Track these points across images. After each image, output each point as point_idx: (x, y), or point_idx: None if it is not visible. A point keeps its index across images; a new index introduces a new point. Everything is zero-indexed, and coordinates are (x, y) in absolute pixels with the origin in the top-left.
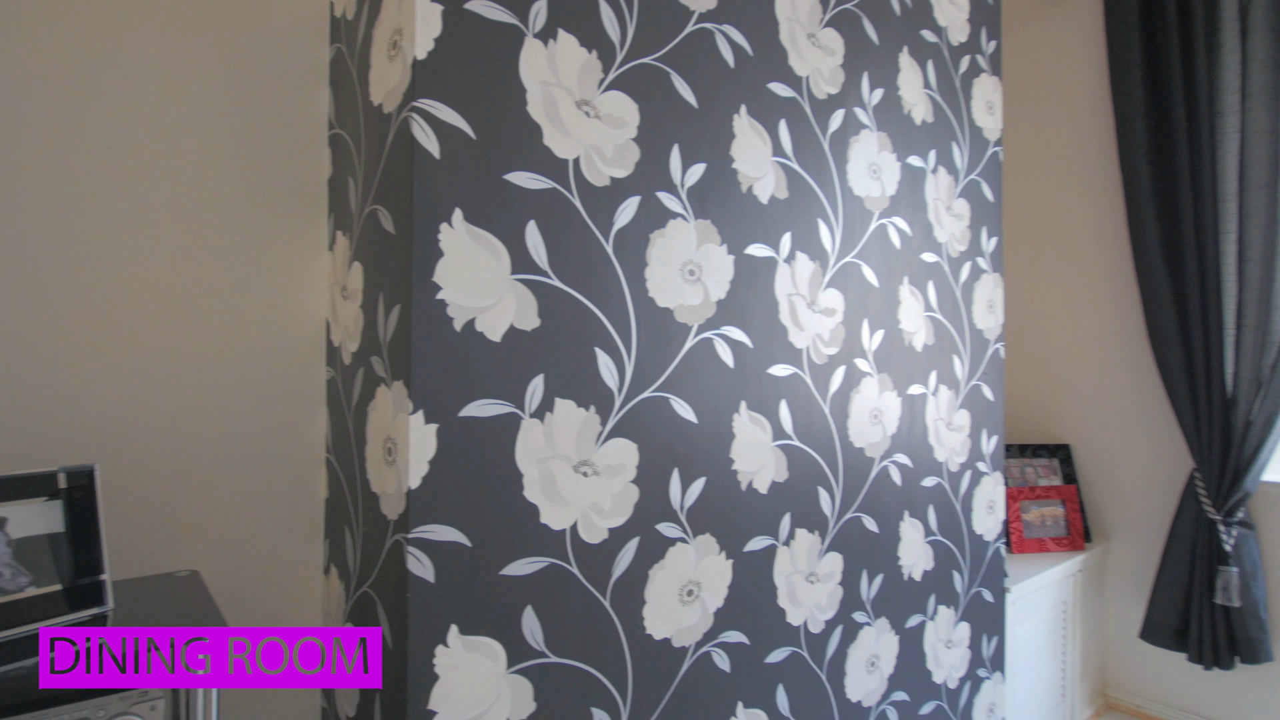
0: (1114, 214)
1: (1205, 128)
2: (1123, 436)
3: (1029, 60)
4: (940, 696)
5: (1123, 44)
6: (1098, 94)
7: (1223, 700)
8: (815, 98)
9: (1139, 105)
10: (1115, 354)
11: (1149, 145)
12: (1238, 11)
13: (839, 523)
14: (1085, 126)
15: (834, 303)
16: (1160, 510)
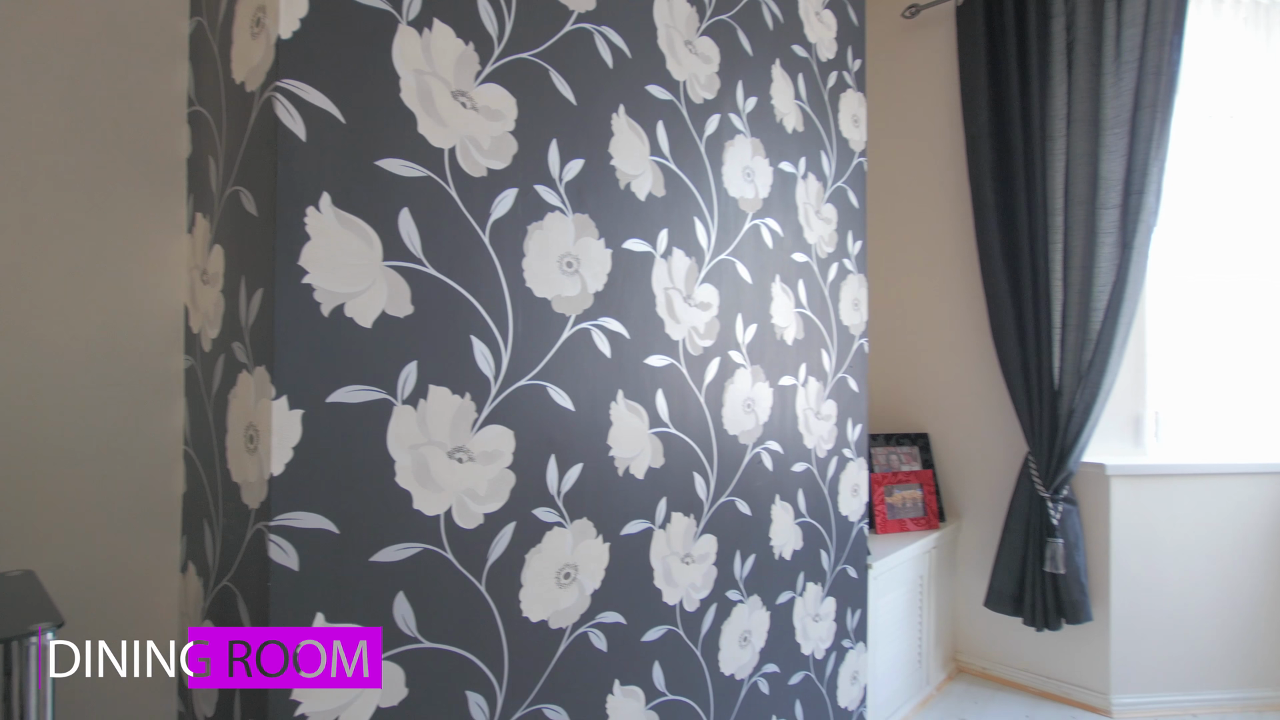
0: (964, 224)
1: (1038, 149)
2: (971, 425)
3: (893, 79)
4: (808, 667)
5: (971, 71)
6: (952, 114)
7: (1053, 657)
8: (692, 102)
9: (984, 127)
10: (966, 351)
11: (992, 163)
12: (1065, 47)
13: (713, 506)
14: (942, 143)
15: (709, 297)
16: (1001, 490)
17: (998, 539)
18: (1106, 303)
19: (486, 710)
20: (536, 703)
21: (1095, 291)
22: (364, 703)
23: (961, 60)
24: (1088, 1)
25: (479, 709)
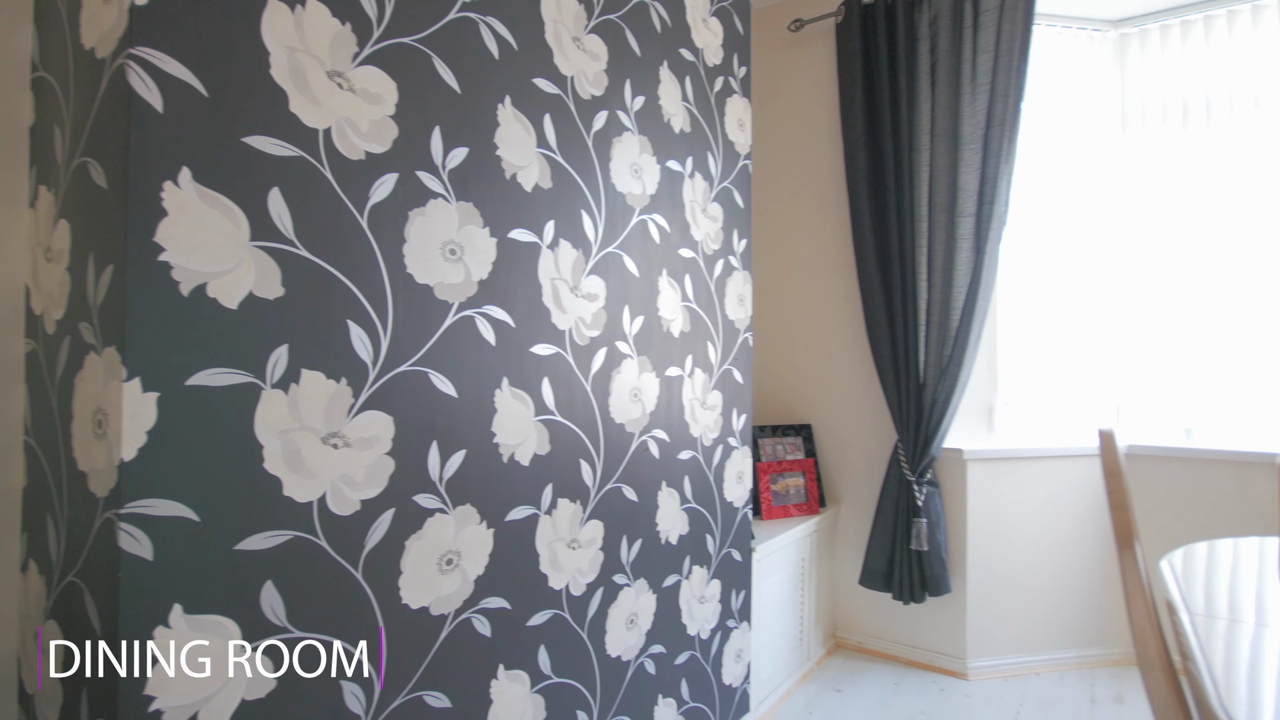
0: (843, 227)
1: (906, 160)
2: (849, 416)
3: (780, 88)
4: (694, 647)
5: (849, 85)
6: (833, 124)
7: (918, 628)
8: (580, 97)
9: (860, 137)
10: (844, 347)
11: (867, 171)
12: (929, 68)
13: (600, 492)
14: (823, 150)
15: (596, 289)
16: (875, 476)
17: (871, 521)
18: (963, 302)
19: (363, 700)
20: (417, 690)
21: (954, 292)
22: (227, 696)
23: (840, 74)
24: (948, 28)
25: (355, 698)
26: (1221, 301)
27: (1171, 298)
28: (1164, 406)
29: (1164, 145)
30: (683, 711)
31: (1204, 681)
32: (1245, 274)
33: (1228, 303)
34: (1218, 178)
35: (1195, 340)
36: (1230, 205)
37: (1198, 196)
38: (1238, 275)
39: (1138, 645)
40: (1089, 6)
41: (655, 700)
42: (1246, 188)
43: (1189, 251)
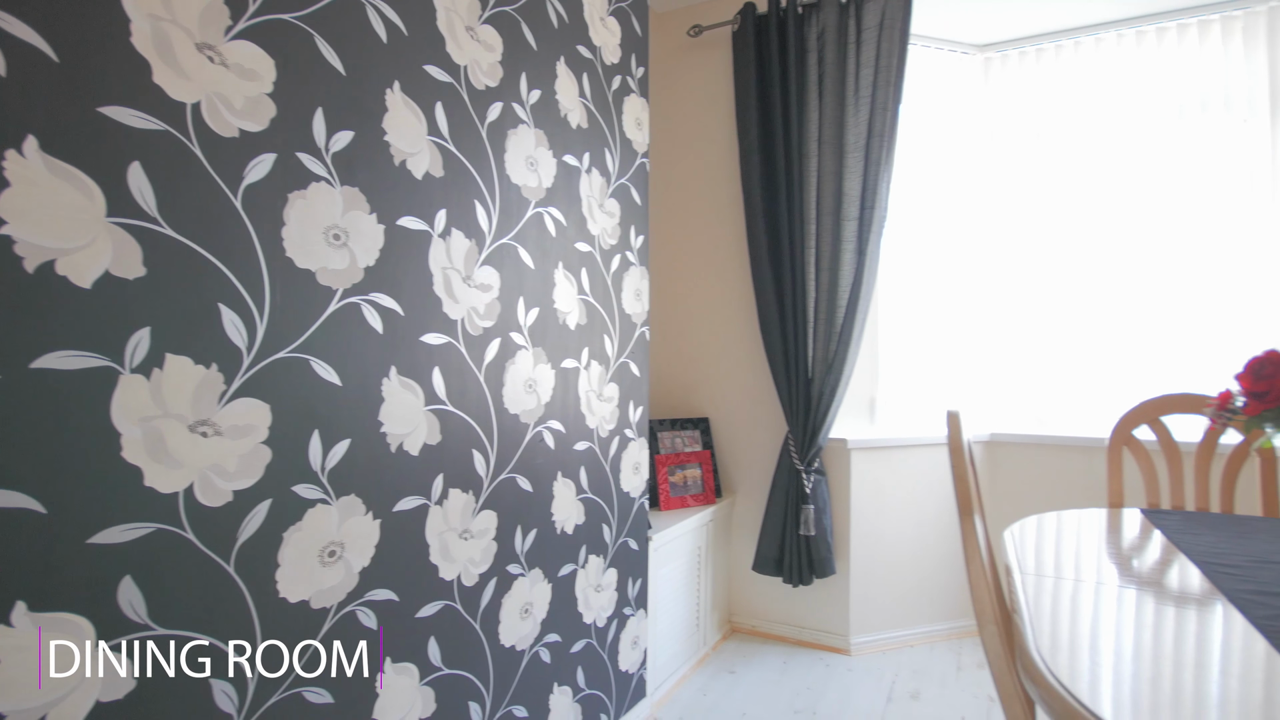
0: (738, 227)
1: (796, 166)
2: (744, 410)
3: (680, 91)
4: (590, 635)
5: (744, 90)
6: (730, 127)
7: (806, 610)
8: (474, 87)
9: (754, 141)
10: (740, 343)
11: (761, 175)
12: (817, 80)
13: (493, 483)
14: (721, 153)
15: (490, 280)
16: (767, 466)
17: (764, 509)
18: (847, 301)
19: (235, 698)
20: (296, 686)
21: (839, 291)
22: (79, 698)
23: (736, 80)
24: (834, 43)
25: (226, 697)
26: (1071, 303)
27: (1030, 300)
28: (1023, 398)
29: (1023, 157)
30: (578, 699)
31: (1025, 629)
32: (1092, 279)
33: (1077, 305)
34: (1071, 188)
35: (1049, 338)
36: (1079, 215)
37: (1053, 206)
38: (1086, 280)
39: (975, 603)
40: (958, 31)
41: (550, 689)
42: (1096, 199)
43: (1045, 257)
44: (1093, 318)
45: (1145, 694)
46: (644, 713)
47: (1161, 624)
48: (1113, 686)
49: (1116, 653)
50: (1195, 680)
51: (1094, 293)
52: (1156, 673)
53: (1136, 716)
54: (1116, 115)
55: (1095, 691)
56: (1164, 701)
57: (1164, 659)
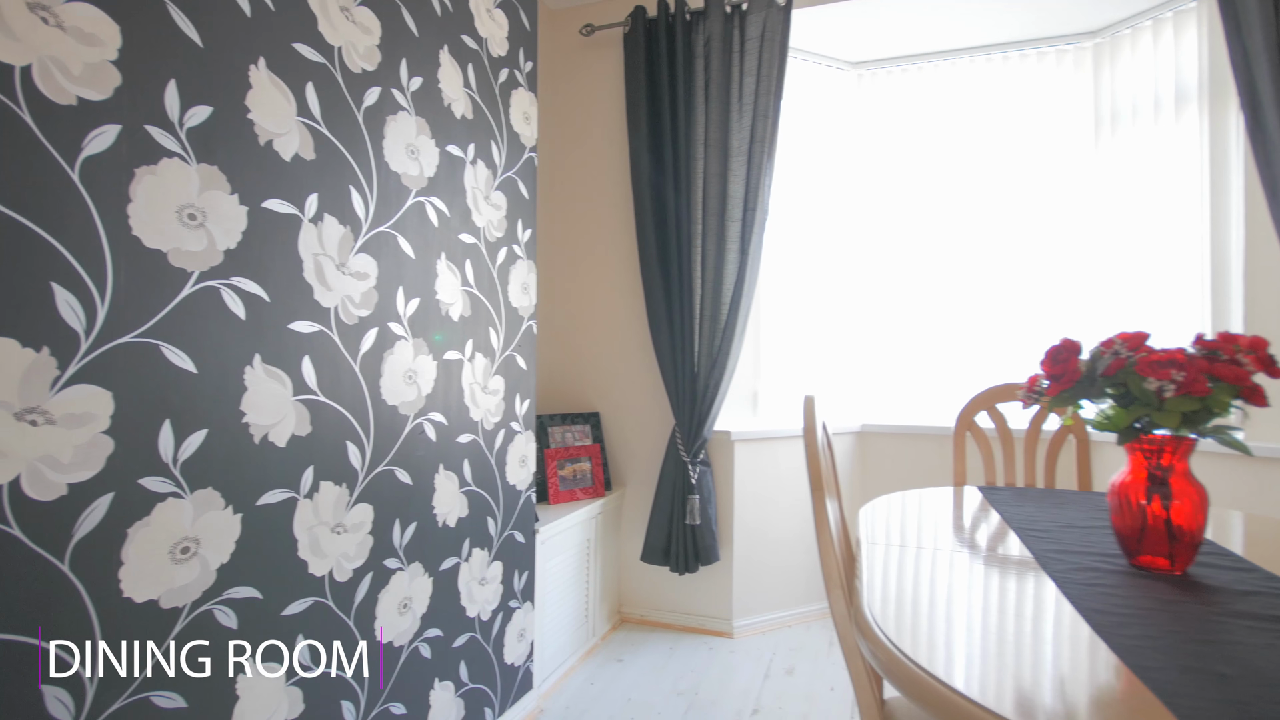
0: (629, 225)
1: (684, 167)
2: (634, 404)
3: (574, 88)
4: (474, 629)
5: (635, 91)
6: (621, 127)
7: (692, 597)
8: (349, 70)
9: (644, 141)
10: (630, 339)
11: (650, 174)
12: (704, 84)
13: (370, 475)
14: (613, 151)
15: (366, 268)
16: (655, 459)
17: (652, 501)
18: (731, 298)
19: (72, 705)
20: (145, 690)
21: (724, 289)
22: None
23: (628, 80)
24: (719, 51)
25: (60, 704)
26: (929, 303)
27: (894, 299)
28: (889, 391)
29: (890, 165)
30: (461, 694)
31: (861, 587)
32: (948, 280)
33: (934, 305)
34: (928, 196)
35: (911, 336)
36: (937, 222)
37: (914, 212)
38: (942, 281)
39: (824, 569)
40: (834, 48)
41: (431, 684)
42: (950, 207)
43: (908, 259)
44: (947, 316)
45: (959, 640)
46: (530, 704)
47: (975, 580)
48: (927, 634)
49: (930, 603)
50: (999, 624)
51: (949, 293)
52: (969, 621)
53: (941, 655)
54: (968, 129)
55: (915, 640)
56: (972, 642)
57: (975, 609)
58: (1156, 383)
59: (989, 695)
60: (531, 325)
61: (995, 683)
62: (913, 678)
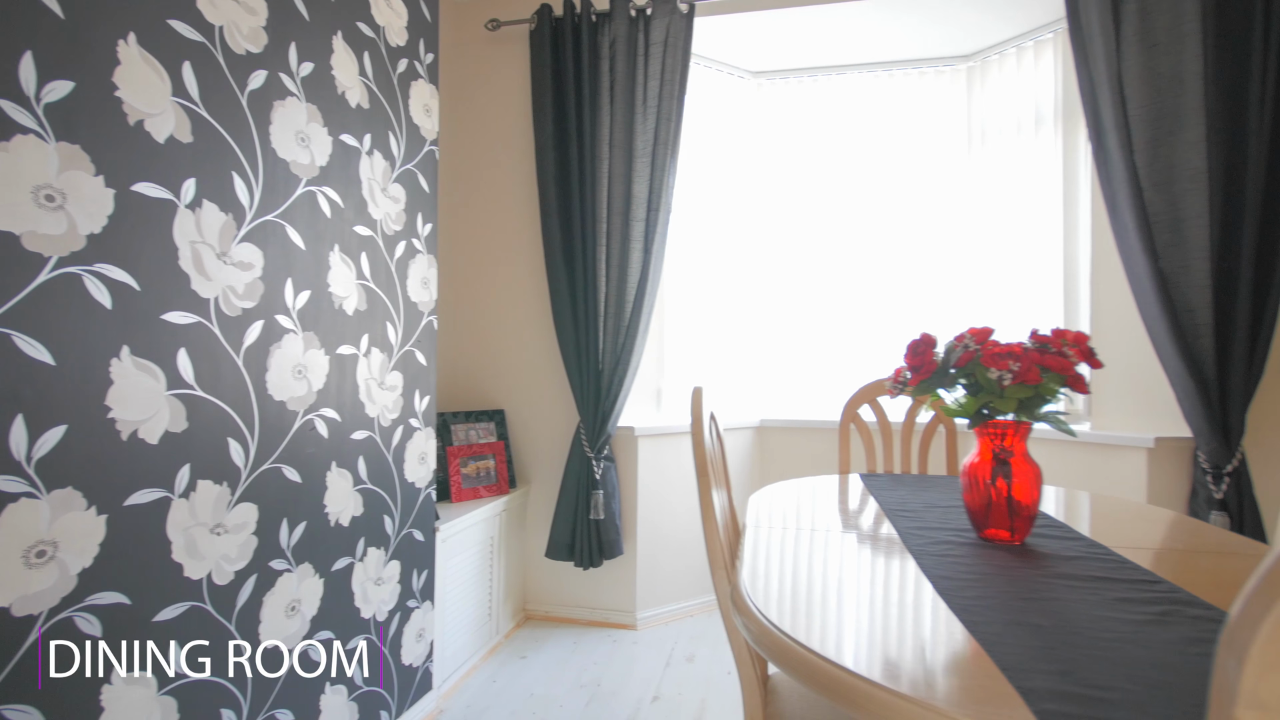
0: (534, 222)
1: (589, 166)
2: (539, 401)
3: (479, 82)
4: (369, 630)
5: (540, 88)
6: (527, 123)
7: (597, 591)
8: (232, 51)
9: (550, 139)
10: (535, 336)
11: (555, 172)
12: (609, 85)
13: (254, 473)
14: (518, 147)
15: (251, 258)
16: (560, 456)
17: (556, 497)
18: (634, 296)
19: None
20: None
21: (628, 287)
22: None
23: (534, 77)
24: (624, 53)
25: None
26: (821, 303)
27: (790, 299)
28: (786, 387)
29: (787, 170)
30: (355, 697)
31: (741, 567)
32: (839, 281)
33: (826, 304)
34: (822, 201)
35: (806, 334)
36: (829, 226)
37: (809, 216)
38: (835, 282)
39: (709, 552)
40: (736, 57)
41: (322, 689)
42: (842, 212)
43: (805, 261)
44: (838, 315)
45: (831, 612)
46: (430, 705)
47: (846, 557)
48: (794, 605)
49: (808, 579)
50: (858, 594)
51: (840, 293)
52: (840, 594)
53: (790, 615)
54: (857, 138)
55: (782, 611)
56: (843, 613)
57: (845, 582)
58: (997, 373)
59: (847, 657)
60: (432, 321)
61: (854, 646)
62: (782, 647)
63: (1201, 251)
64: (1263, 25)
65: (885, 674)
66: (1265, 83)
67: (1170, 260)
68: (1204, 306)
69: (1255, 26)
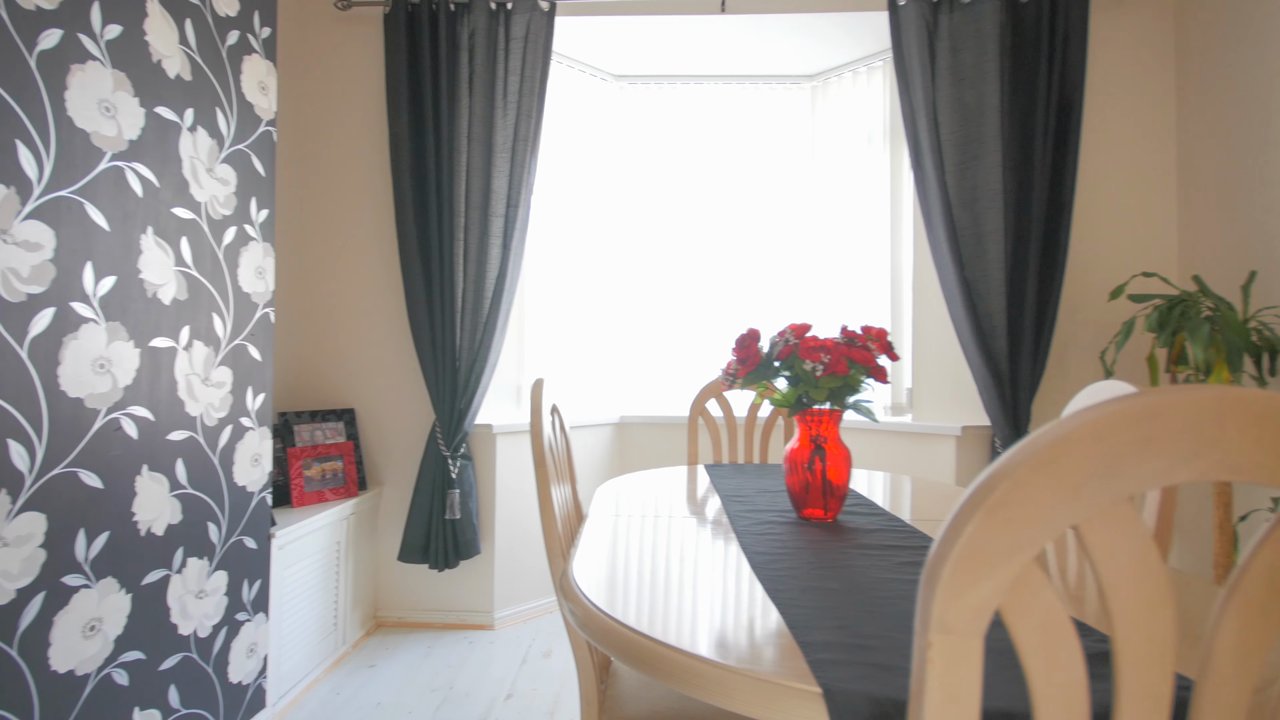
0: (388, 214)
1: (446, 159)
2: (392, 399)
3: (329, 64)
4: (189, 647)
5: (395, 75)
6: (381, 110)
7: (453, 593)
8: (18, 5)
9: (405, 130)
10: (388, 332)
11: (411, 163)
12: (468, 77)
13: (41, 479)
14: (371, 134)
15: (39, 237)
16: (415, 455)
17: (410, 498)
18: (493, 292)
19: None
20: None
21: (486, 283)
22: None
23: (388, 62)
24: (484, 46)
25: None
26: (680, 303)
27: (647, 299)
28: (645, 384)
29: (649, 172)
30: None
31: (574, 553)
32: (695, 281)
33: (684, 304)
34: (682, 202)
35: (663, 333)
36: (686, 227)
37: (669, 218)
38: (690, 281)
39: (547, 542)
40: (599, 59)
41: (130, 714)
42: (695, 215)
43: (662, 261)
44: (692, 313)
45: (633, 583)
46: None
47: (675, 540)
48: (624, 590)
49: (639, 563)
50: (681, 572)
51: (694, 292)
52: (668, 575)
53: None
54: (712, 145)
55: (612, 596)
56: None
57: (672, 563)
58: (811, 364)
59: (651, 627)
60: (269, 313)
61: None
62: (604, 628)
63: (998, 263)
64: (1047, 64)
65: (688, 640)
66: (1048, 115)
67: (974, 270)
68: (1000, 311)
69: (1040, 65)
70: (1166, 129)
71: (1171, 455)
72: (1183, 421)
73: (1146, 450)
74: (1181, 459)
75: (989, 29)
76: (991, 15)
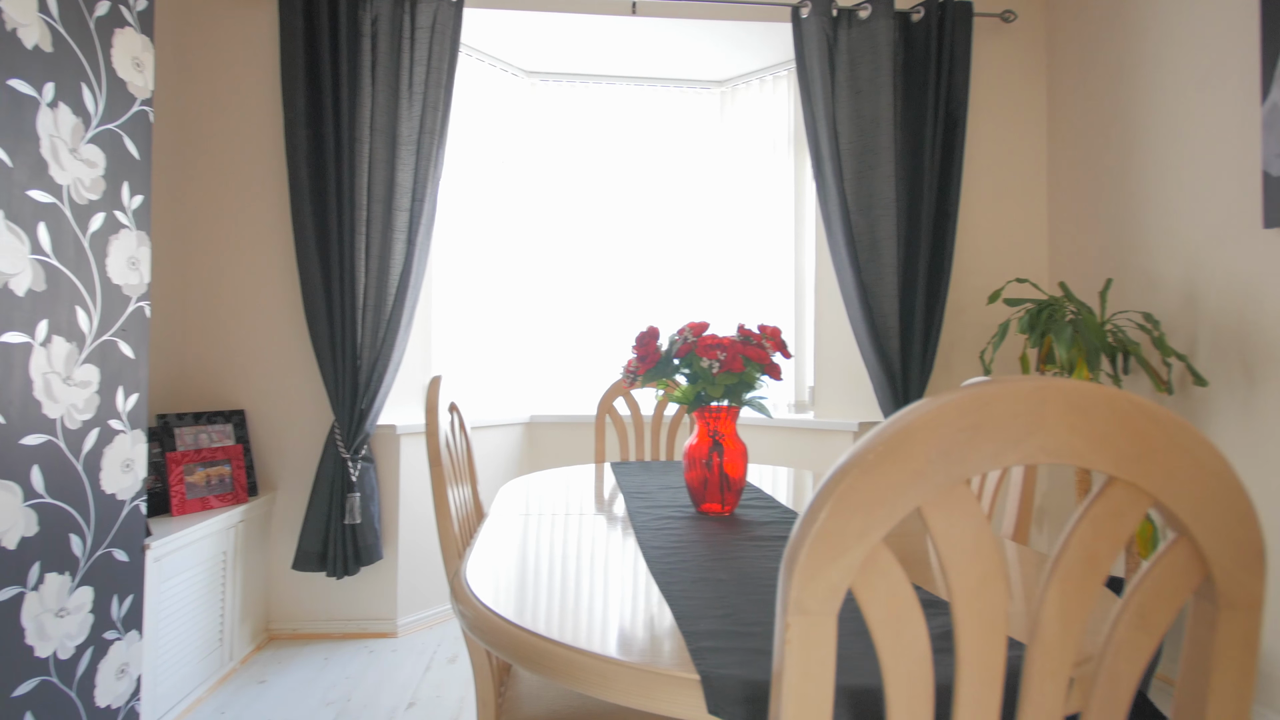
0: (283, 205)
1: (347, 149)
2: (287, 400)
3: (217, 42)
4: (47, 671)
5: (291, 58)
6: (275, 95)
7: (353, 601)
8: None
9: (301, 115)
10: (282, 330)
11: (308, 152)
12: (370, 65)
13: None
14: (264, 120)
15: None
16: (312, 458)
17: (307, 504)
18: (396, 289)
19: None
20: None
21: (390, 279)
22: None
23: (283, 46)
24: (388, 34)
25: None
26: (589, 302)
27: (558, 299)
28: (555, 384)
29: (559, 169)
30: None
31: (469, 554)
32: (606, 280)
33: (593, 303)
34: (588, 201)
35: (572, 333)
36: (595, 226)
37: (577, 216)
38: (600, 281)
39: (442, 544)
40: (510, 54)
41: None
42: (604, 213)
43: (572, 261)
44: (601, 312)
45: (528, 583)
46: None
47: (572, 538)
48: (519, 589)
49: (534, 562)
50: (577, 570)
51: (603, 291)
52: (564, 572)
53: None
54: (624, 144)
55: (507, 596)
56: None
57: (568, 560)
58: (709, 361)
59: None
60: (143, 307)
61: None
62: (495, 628)
63: (891, 267)
64: (935, 80)
65: (573, 635)
66: (936, 128)
67: (870, 274)
68: (893, 313)
69: (930, 81)
70: (1039, 145)
71: (999, 441)
72: (1008, 410)
73: (976, 437)
74: (1008, 444)
75: (883, 45)
76: (886, 32)
